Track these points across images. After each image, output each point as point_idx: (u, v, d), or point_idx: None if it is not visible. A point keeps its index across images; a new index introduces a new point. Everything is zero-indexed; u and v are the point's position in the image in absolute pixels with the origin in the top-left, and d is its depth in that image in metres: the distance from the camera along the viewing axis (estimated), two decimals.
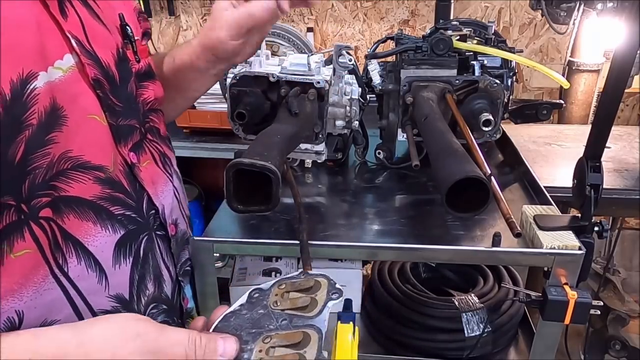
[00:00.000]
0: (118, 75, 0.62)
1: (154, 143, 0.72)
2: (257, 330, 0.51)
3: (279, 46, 0.97)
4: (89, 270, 0.57)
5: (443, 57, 0.90)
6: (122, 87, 0.63)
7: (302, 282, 0.56)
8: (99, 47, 0.60)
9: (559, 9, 1.40)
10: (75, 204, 0.56)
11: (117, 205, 0.60)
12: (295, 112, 0.76)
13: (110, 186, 0.59)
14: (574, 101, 1.62)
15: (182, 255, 0.75)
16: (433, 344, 0.89)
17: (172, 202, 0.72)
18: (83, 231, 0.57)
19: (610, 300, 1.69)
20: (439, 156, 0.72)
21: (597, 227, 0.75)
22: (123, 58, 0.65)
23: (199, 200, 1.91)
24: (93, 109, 0.58)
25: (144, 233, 0.64)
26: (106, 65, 0.61)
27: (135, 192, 0.63)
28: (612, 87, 0.70)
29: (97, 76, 0.59)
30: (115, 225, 0.60)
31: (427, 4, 1.89)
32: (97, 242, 0.58)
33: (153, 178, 0.68)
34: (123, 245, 0.61)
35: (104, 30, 0.63)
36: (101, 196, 0.58)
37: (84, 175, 0.56)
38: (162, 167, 0.72)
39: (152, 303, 0.66)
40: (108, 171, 0.59)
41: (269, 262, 0.99)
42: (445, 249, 0.75)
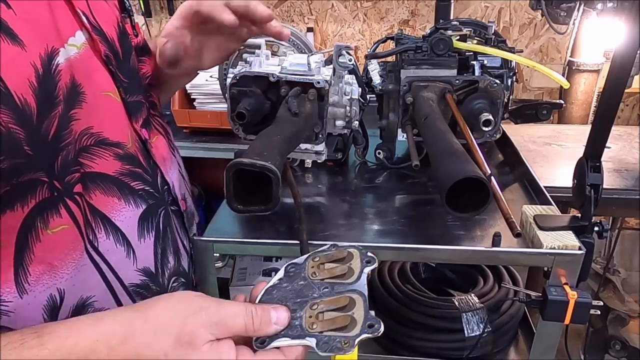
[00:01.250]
0: (121, 50, 0.63)
1: (157, 118, 0.73)
2: (302, 299, 0.53)
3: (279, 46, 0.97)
4: (117, 244, 0.59)
5: (443, 57, 0.90)
6: (125, 62, 0.63)
7: (334, 254, 0.58)
8: (103, 21, 0.60)
9: (559, 9, 1.40)
10: (100, 179, 0.57)
11: (137, 181, 0.62)
12: (295, 112, 0.76)
13: (129, 162, 0.61)
14: (574, 101, 1.62)
15: (191, 231, 0.77)
16: (433, 344, 0.89)
17: (179, 178, 0.74)
18: (109, 206, 0.58)
19: (610, 300, 1.69)
20: (439, 156, 0.72)
21: (597, 227, 0.75)
22: (123, 32, 0.64)
23: (199, 200, 1.90)
24: (107, 85, 0.59)
25: (161, 207, 0.66)
26: (111, 40, 0.61)
27: (150, 168, 0.65)
28: (612, 87, 0.70)
29: (106, 52, 0.59)
30: (137, 200, 0.61)
31: (427, 4, 1.89)
32: (123, 216, 0.59)
33: (163, 154, 0.70)
34: (145, 219, 0.63)
35: (105, 4, 0.63)
36: (122, 172, 0.60)
37: (105, 151, 0.57)
38: (167, 142, 0.74)
39: (174, 276, 0.68)
40: (126, 147, 0.60)
41: (269, 262, 0.99)
42: (445, 249, 0.75)
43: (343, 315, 0.51)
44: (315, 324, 0.50)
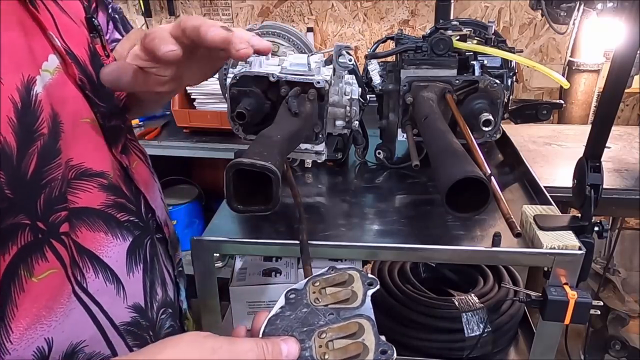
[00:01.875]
0: (94, 73, 0.58)
1: (134, 142, 0.69)
2: (308, 328, 0.51)
3: (279, 46, 0.97)
4: (107, 282, 0.56)
5: (443, 57, 0.90)
6: (100, 85, 0.58)
7: (334, 277, 0.56)
8: (74, 44, 0.56)
9: (559, 9, 1.40)
10: (85, 215, 0.54)
11: (123, 212, 0.59)
12: (295, 112, 0.76)
13: (113, 192, 0.57)
14: (574, 101, 1.62)
15: (176, 257, 0.75)
16: (433, 344, 0.89)
17: (160, 203, 0.71)
18: (96, 242, 0.55)
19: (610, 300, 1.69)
20: (439, 156, 0.72)
21: (597, 227, 0.75)
22: (94, 54, 0.60)
23: (199, 200, 1.91)
24: (84, 111, 0.55)
25: (147, 237, 0.63)
26: (83, 63, 0.57)
27: (133, 196, 0.62)
28: (612, 87, 0.70)
29: (80, 76, 0.55)
30: (123, 233, 0.58)
31: (427, 4, 1.90)
32: (111, 252, 0.56)
33: (145, 179, 0.66)
34: (133, 252, 0.60)
35: (73, 24, 0.58)
36: (107, 204, 0.56)
37: (88, 183, 0.54)
38: (147, 167, 0.70)
39: (162, 308, 0.66)
40: (109, 177, 0.57)
41: (269, 262, 0.98)
42: (445, 249, 0.75)
43: (354, 342, 0.49)
44: (327, 354, 0.48)
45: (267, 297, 0.93)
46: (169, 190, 1.91)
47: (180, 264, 0.77)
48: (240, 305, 0.94)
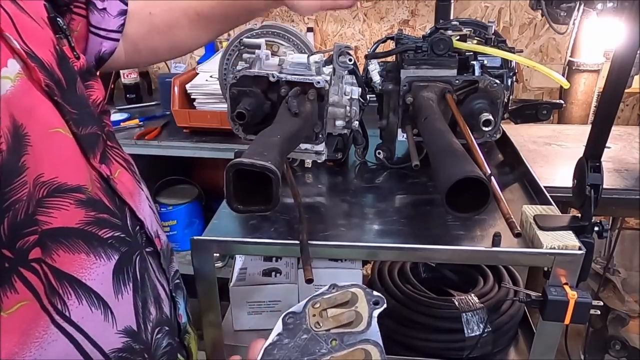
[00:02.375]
0: (63, 77, 0.53)
1: (115, 149, 0.65)
2: (309, 358, 0.46)
3: (279, 46, 0.97)
4: (92, 308, 0.52)
5: (443, 57, 0.90)
6: (70, 90, 0.54)
7: (336, 297, 0.52)
8: (37, 46, 0.51)
9: (559, 9, 1.40)
10: (62, 236, 0.49)
11: (105, 228, 0.54)
12: (295, 112, 0.76)
13: (93, 207, 0.52)
14: (574, 101, 1.62)
15: (171, 269, 0.71)
16: (433, 344, 0.89)
17: (150, 213, 0.66)
18: (77, 265, 0.50)
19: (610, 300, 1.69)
20: (438, 156, 0.72)
21: (597, 227, 0.75)
22: (62, 56, 0.55)
23: (199, 200, 1.91)
24: (54, 120, 0.50)
25: (136, 253, 0.59)
26: (49, 66, 0.51)
27: (117, 209, 0.57)
28: (612, 87, 0.70)
29: (46, 81, 0.50)
30: (108, 251, 0.54)
31: (427, 4, 1.89)
32: (94, 274, 0.52)
33: (129, 188, 0.62)
34: (120, 271, 0.55)
35: (36, 25, 0.53)
36: (87, 221, 0.51)
37: (63, 200, 0.49)
38: (131, 174, 0.66)
39: (157, 327, 0.62)
40: (87, 191, 0.52)
41: (269, 262, 0.99)
42: (445, 249, 0.75)
43: None
44: None
45: (267, 297, 0.94)
46: (169, 190, 1.91)
47: (177, 276, 0.73)
48: (240, 305, 0.94)
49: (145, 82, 2.09)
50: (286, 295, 0.94)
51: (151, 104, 1.96)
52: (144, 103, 1.97)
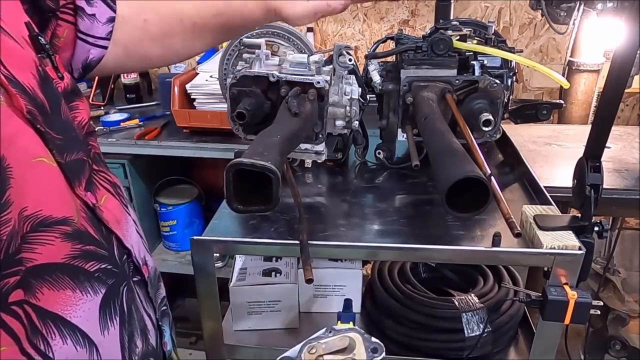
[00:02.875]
0: (47, 100, 0.50)
1: (101, 173, 0.62)
2: None
3: (279, 46, 0.97)
4: (77, 347, 0.49)
5: (443, 57, 0.90)
6: (54, 114, 0.51)
7: (334, 342, 0.50)
8: (17, 69, 0.48)
9: (559, 9, 1.40)
10: (46, 272, 0.47)
11: (92, 260, 0.52)
12: (295, 112, 0.76)
13: (80, 240, 0.50)
14: (574, 101, 1.62)
15: (158, 296, 0.68)
16: (433, 344, 0.89)
17: (137, 239, 0.64)
18: (62, 303, 0.48)
19: (610, 300, 1.69)
20: (438, 156, 0.72)
21: (597, 227, 0.75)
22: (45, 77, 0.52)
23: (199, 200, 1.90)
24: (37, 149, 0.47)
25: (123, 284, 0.56)
26: (31, 91, 0.48)
27: (104, 239, 0.54)
28: (612, 87, 0.70)
29: (28, 107, 0.47)
30: (95, 285, 0.51)
31: (427, 4, 1.89)
32: (80, 310, 0.49)
33: (116, 216, 0.59)
34: (107, 305, 0.53)
35: (17, 46, 0.49)
36: (73, 255, 0.49)
37: (48, 234, 0.46)
38: (118, 199, 0.63)
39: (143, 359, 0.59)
40: (73, 222, 0.49)
41: (269, 262, 0.99)
42: (445, 249, 0.75)
43: None
44: None
45: (267, 297, 0.94)
46: (169, 190, 1.91)
47: (164, 303, 0.71)
48: (240, 305, 0.94)
49: (145, 82, 2.09)
50: (286, 295, 0.94)
51: (151, 104, 1.95)
52: (144, 103, 1.97)
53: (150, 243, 1.90)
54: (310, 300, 0.99)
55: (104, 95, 1.96)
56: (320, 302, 0.99)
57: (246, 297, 0.93)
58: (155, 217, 1.89)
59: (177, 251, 1.91)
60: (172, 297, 2.28)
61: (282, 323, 0.96)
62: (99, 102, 1.94)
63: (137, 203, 1.77)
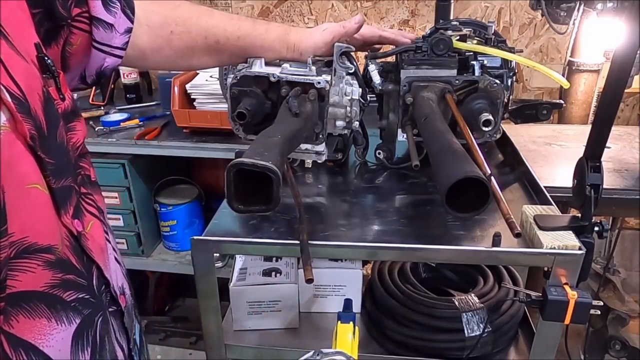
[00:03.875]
0: (45, 122, 0.49)
1: (89, 197, 0.60)
2: None
3: None
4: None
5: (443, 57, 0.90)
6: (50, 137, 0.50)
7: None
8: (28, 90, 0.47)
9: (559, 9, 1.40)
10: (25, 300, 0.46)
11: (71, 290, 0.51)
12: (295, 112, 0.76)
13: (61, 269, 0.49)
14: (574, 101, 1.62)
15: (134, 326, 0.67)
16: (433, 344, 0.89)
17: (116, 267, 0.62)
18: (36, 331, 0.47)
19: (610, 300, 1.69)
20: (438, 156, 0.72)
21: (597, 227, 0.75)
22: (48, 99, 0.51)
23: (199, 200, 1.90)
24: (33, 176, 0.46)
25: (99, 314, 0.55)
26: (35, 113, 0.47)
27: (85, 268, 0.53)
28: (612, 87, 0.70)
29: (32, 132, 0.46)
30: (70, 315, 0.50)
31: (427, 4, 1.89)
32: (53, 340, 0.49)
33: (101, 244, 0.58)
34: (80, 336, 0.52)
35: (27, 65, 0.49)
36: (53, 284, 0.48)
37: (31, 261, 0.46)
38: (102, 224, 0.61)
39: None
40: (57, 251, 0.48)
41: (269, 262, 0.99)
42: (445, 249, 0.75)
43: None
44: None
45: (267, 297, 0.94)
46: (169, 190, 1.91)
47: (139, 332, 0.69)
48: (240, 305, 0.94)
49: (145, 82, 2.09)
50: (286, 295, 0.94)
51: (151, 104, 1.95)
52: (144, 103, 1.97)
53: (150, 243, 1.90)
54: (310, 300, 0.99)
55: (104, 95, 1.96)
56: (320, 302, 0.99)
57: (246, 297, 0.93)
58: (155, 217, 1.89)
59: (177, 251, 1.91)
60: (172, 297, 2.28)
61: (282, 323, 0.96)
62: (99, 102, 1.94)
63: (137, 203, 1.77)
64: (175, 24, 0.76)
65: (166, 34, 0.76)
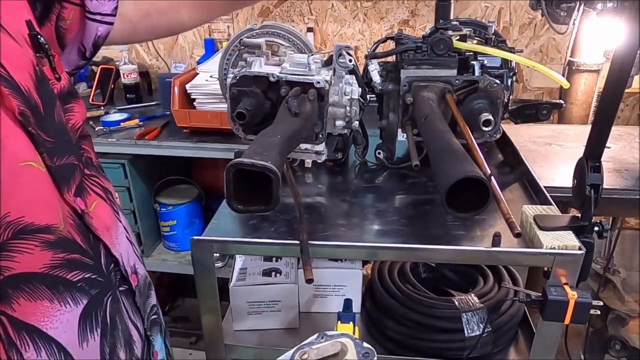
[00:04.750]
0: (41, 102, 0.49)
1: (93, 178, 0.60)
2: None
3: (279, 46, 0.97)
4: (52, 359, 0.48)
5: (443, 57, 0.90)
6: (47, 116, 0.50)
7: (326, 347, 0.50)
8: (14, 68, 0.46)
9: (559, 9, 1.40)
10: (24, 282, 0.46)
11: (76, 270, 0.50)
12: (295, 112, 0.76)
13: (64, 248, 0.49)
14: (574, 101, 1.62)
15: (147, 305, 0.66)
16: (433, 344, 0.89)
17: (127, 246, 0.62)
18: (39, 314, 0.47)
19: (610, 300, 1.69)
20: (438, 156, 0.72)
21: (597, 227, 0.75)
22: (42, 78, 0.50)
23: (199, 200, 1.90)
24: (26, 153, 0.46)
25: (108, 294, 0.55)
26: (26, 91, 0.47)
27: (91, 247, 0.53)
28: (612, 87, 0.70)
29: (21, 108, 0.45)
30: (76, 296, 0.50)
31: (427, 4, 1.89)
32: (58, 322, 0.48)
33: (106, 222, 0.57)
34: (88, 316, 0.52)
35: (15, 43, 0.48)
36: (54, 264, 0.48)
37: (29, 242, 0.45)
38: (109, 205, 0.61)
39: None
40: (57, 230, 0.48)
41: (269, 262, 0.99)
42: (445, 249, 0.75)
43: None
44: None
45: (267, 297, 0.94)
46: (169, 190, 1.91)
47: (154, 311, 0.69)
48: (240, 305, 0.94)
49: (145, 82, 2.09)
50: (286, 295, 0.94)
51: (151, 104, 1.96)
52: (144, 103, 1.97)
53: (150, 243, 1.90)
54: (310, 300, 0.99)
55: (104, 95, 1.96)
56: (320, 302, 0.99)
57: (246, 297, 0.93)
58: (155, 217, 1.89)
59: (177, 251, 1.91)
60: (172, 297, 2.28)
61: (282, 323, 0.96)
62: (99, 102, 1.94)
63: (137, 203, 1.77)
64: None
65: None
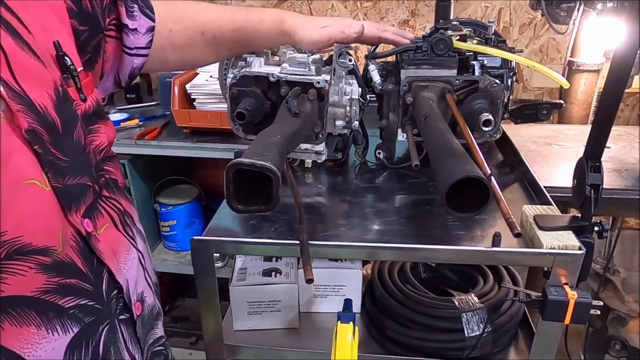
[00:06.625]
0: (60, 121, 0.49)
1: (112, 200, 0.59)
2: None
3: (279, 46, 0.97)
4: None
5: (443, 57, 0.90)
6: (66, 135, 0.50)
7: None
8: (31, 86, 0.46)
9: (559, 9, 1.40)
10: (12, 305, 0.44)
11: (70, 296, 0.49)
12: (295, 112, 0.76)
13: (59, 272, 0.47)
14: (574, 101, 1.62)
15: (151, 336, 0.64)
16: (433, 344, 0.89)
17: (137, 273, 0.60)
18: (22, 340, 0.45)
19: (610, 300, 1.69)
20: (439, 156, 0.72)
21: (597, 227, 0.75)
22: (64, 98, 0.51)
23: (199, 200, 1.91)
24: (30, 171, 0.45)
25: (105, 323, 0.53)
26: (43, 109, 0.47)
27: (93, 272, 0.51)
28: (612, 87, 0.70)
29: (32, 126, 0.45)
30: (66, 323, 0.48)
31: (427, 4, 1.89)
32: (41, 350, 0.46)
33: (113, 247, 0.56)
34: (77, 346, 0.50)
35: (37, 63, 0.48)
36: (46, 288, 0.46)
37: (23, 263, 0.44)
38: (122, 229, 0.60)
39: None
40: (55, 253, 0.47)
41: (269, 262, 0.99)
42: (445, 249, 0.75)
43: None
44: None
45: (267, 297, 0.94)
46: (169, 190, 1.91)
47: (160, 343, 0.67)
48: (240, 305, 0.94)
49: (145, 82, 2.09)
50: (286, 295, 0.94)
51: (151, 104, 1.96)
52: (144, 103, 1.97)
53: (150, 243, 1.90)
54: (310, 300, 0.99)
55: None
56: (320, 302, 0.99)
57: (246, 297, 0.93)
58: (155, 217, 1.89)
59: (177, 251, 1.91)
60: (172, 297, 2.28)
61: (282, 323, 0.96)
62: None
63: (137, 203, 1.77)
64: (173, 21, 0.78)
65: (166, 33, 0.77)
